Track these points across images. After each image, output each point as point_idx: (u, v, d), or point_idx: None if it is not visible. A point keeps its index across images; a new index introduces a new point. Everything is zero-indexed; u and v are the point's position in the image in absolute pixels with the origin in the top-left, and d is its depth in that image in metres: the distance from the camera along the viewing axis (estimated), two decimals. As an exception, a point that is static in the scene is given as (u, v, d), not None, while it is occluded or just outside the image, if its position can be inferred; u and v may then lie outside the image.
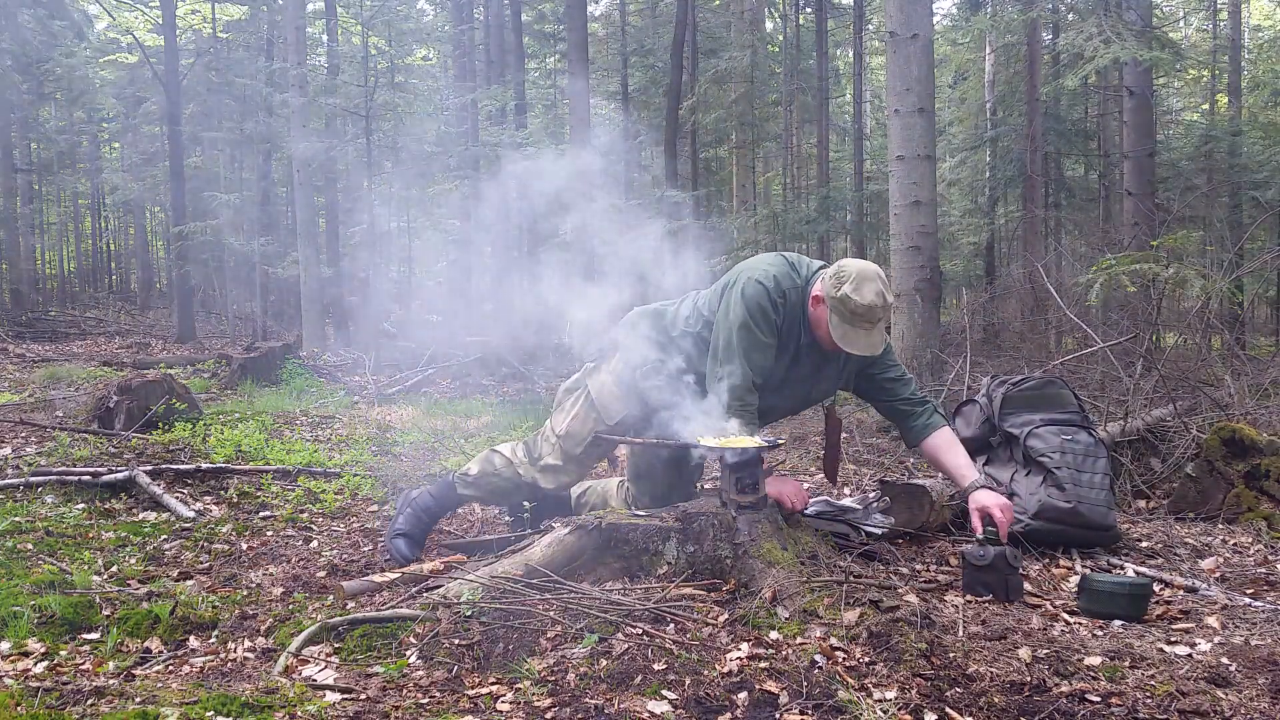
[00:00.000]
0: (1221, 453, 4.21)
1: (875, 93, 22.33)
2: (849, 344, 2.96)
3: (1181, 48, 11.92)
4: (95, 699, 2.12)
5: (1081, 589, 2.95)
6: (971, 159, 16.61)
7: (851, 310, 2.92)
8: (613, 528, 2.88)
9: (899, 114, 6.70)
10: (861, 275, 2.94)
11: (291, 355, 10.44)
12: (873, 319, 2.94)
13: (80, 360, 12.44)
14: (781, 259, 3.21)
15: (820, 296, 3.02)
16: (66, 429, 5.84)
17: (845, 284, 2.93)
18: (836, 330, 2.96)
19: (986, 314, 9.61)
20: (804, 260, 3.23)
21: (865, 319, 2.93)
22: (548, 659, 2.35)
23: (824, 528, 3.44)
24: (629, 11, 19.35)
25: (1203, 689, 2.23)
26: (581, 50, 11.52)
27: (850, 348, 2.97)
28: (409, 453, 5.96)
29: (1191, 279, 5.46)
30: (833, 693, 2.17)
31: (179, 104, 17.43)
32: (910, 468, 5.24)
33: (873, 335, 2.98)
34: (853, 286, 2.91)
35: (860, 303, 2.90)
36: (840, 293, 2.92)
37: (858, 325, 2.95)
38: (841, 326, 2.95)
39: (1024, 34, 13.34)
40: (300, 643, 2.50)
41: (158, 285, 27.41)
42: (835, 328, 2.96)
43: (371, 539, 3.91)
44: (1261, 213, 11.57)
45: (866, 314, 2.92)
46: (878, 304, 2.92)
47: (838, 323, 2.95)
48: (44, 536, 3.62)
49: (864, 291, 2.91)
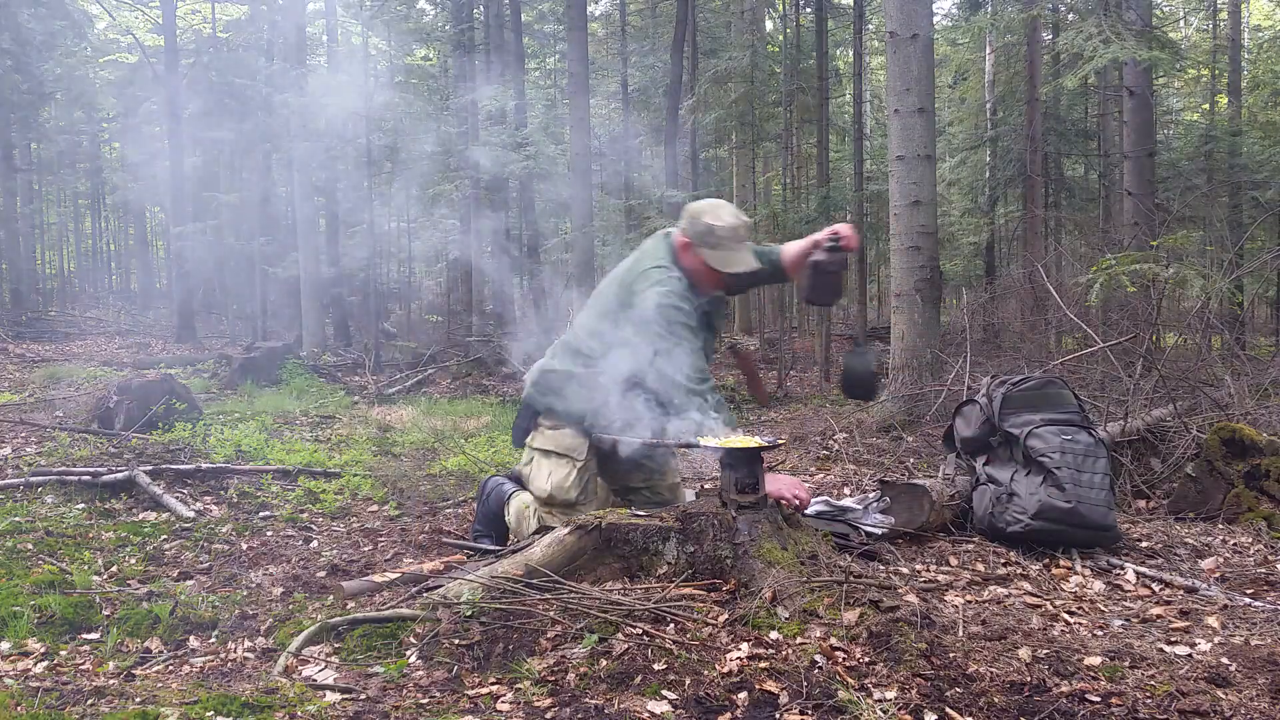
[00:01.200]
0: (1221, 453, 4.21)
1: (875, 93, 22.32)
2: (730, 265, 3.14)
3: (1181, 48, 11.93)
4: (95, 699, 2.12)
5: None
6: (971, 159, 16.62)
7: (720, 235, 3.12)
8: (613, 528, 2.88)
9: (899, 114, 6.70)
10: (714, 205, 3.21)
11: (291, 355, 10.45)
12: (739, 237, 3.14)
13: (80, 360, 12.44)
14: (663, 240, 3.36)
15: (687, 241, 3.20)
16: (66, 429, 5.84)
17: (704, 217, 3.15)
18: (715, 259, 3.14)
19: (986, 314, 9.61)
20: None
21: (734, 238, 3.13)
22: (548, 659, 2.35)
23: (824, 528, 3.44)
24: (629, 11, 19.34)
25: (1203, 689, 2.23)
26: (581, 50, 11.51)
27: (733, 268, 3.15)
28: (409, 453, 5.96)
29: (1191, 279, 5.46)
30: (833, 693, 2.17)
31: (179, 104, 17.43)
32: (910, 468, 5.24)
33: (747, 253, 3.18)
34: (712, 216, 3.14)
35: (725, 224, 3.12)
36: (703, 225, 3.13)
37: (732, 247, 3.14)
38: (718, 253, 3.14)
39: (1024, 34, 13.34)
40: (300, 643, 2.50)
41: (158, 285, 27.42)
42: (712, 258, 3.15)
43: (372, 539, 3.91)
44: (1261, 213, 11.58)
45: (733, 233, 3.13)
46: (738, 223, 3.15)
47: (711, 253, 3.14)
48: (44, 536, 3.62)
49: (723, 215, 3.15)
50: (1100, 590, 3.22)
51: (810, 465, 5.59)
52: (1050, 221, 14.12)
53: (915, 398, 6.56)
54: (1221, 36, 18.43)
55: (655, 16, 19.72)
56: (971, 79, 17.85)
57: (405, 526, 4.13)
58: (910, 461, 5.38)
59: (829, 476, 5.15)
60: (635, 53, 18.21)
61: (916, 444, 5.86)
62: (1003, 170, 14.96)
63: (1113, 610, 2.98)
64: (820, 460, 5.73)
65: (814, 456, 5.85)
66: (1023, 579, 3.30)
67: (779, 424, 7.44)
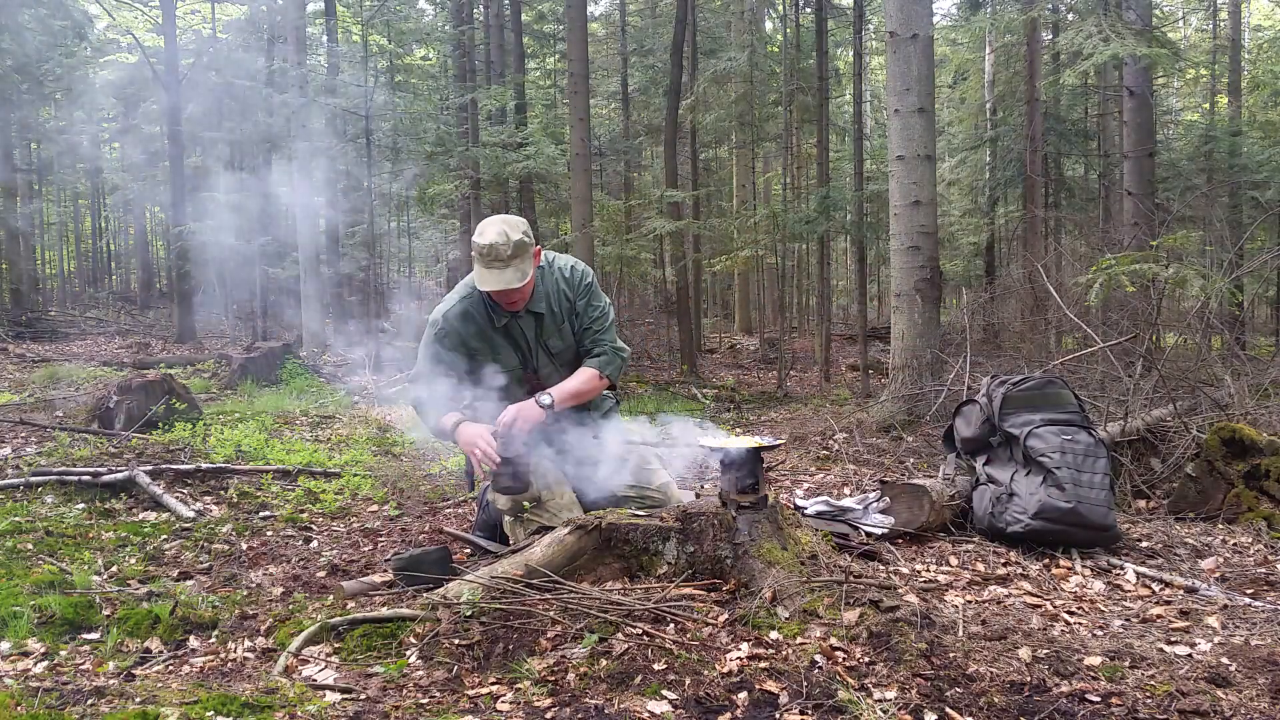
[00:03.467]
0: (1221, 453, 4.21)
1: (875, 93, 22.32)
2: (484, 283, 3.20)
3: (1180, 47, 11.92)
4: (95, 699, 2.12)
5: None
6: (971, 159, 16.62)
7: (479, 252, 3.19)
8: (613, 528, 2.88)
9: (899, 114, 6.70)
10: (486, 222, 3.26)
11: (291, 355, 10.44)
12: (498, 255, 3.17)
13: (80, 360, 12.44)
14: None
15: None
16: (66, 429, 5.84)
17: (475, 234, 3.23)
18: (476, 275, 3.23)
19: (986, 314, 9.61)
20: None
21: (492, 257, 3.18)
22: (548, 659, 2.34)
23: (824, 528, 3.44)
24: (629, 11, 19.34)
25: (1203, 689, 2.23)
26: (581, 50, 11.50)
27: (486, 285, 3.20)
28: (409, 453, 5.96)
29: (1191, 279, 5.45)
30: (833, 693, 2.17)
31: (179, 104, 17.42)
32: (910, 468, 5.24)
33: (504, 273, 3.20)
34: (478, 233, 3.22)
35: (482, 243, 3.18)
36: (473, 242, 3.22)
37: (489, 264, 3.19)
38: (478, 270, 3.22)
39: (1024, 34, 13.34)
40: (300, 643, 2.50)
41: (158, 285, 27.40)
42: (475, 274, 3.24)
43: (372, 539, 3.91)
44: (1261, 213, 11.58)
45: (489, 251, 3.17)
46: (497, 240, 3.17)
47: (476, 269, 3.24)
48: (44, 536, 3.62)
49: (486, 233, 3.19)
50: (1100, 590, 3.22)
51: (810, 465, 5.59)
52: (1050, 221, 14.12)
53: (915, 398, 6.56)
54: (1221, 36, 18.44)
55: (655, 16, 19.72)
56: (971, 79, 17.85)
57: (405, 526, 4.13)
58: (910, 461, 5.38)
59: (829, 476, 5.15)
60: (635, 53, 18.21)
61: (916, 444, 5.86)
62: (1002, 170, 14.96)
63: (1113, 610, 2.99)
64: (820, 460, 5.73)
65: (814, 456, 5.85)
66: (1023, 579, 3.30)
67: (779, 424, 7.44)
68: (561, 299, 3.46)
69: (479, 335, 3.41)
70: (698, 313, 16.54)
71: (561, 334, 3.50)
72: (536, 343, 3.47)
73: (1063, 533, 3.57)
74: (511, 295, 3.28)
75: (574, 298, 3.48)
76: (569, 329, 3.50)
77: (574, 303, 3.48)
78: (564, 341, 3.52)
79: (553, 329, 3.48)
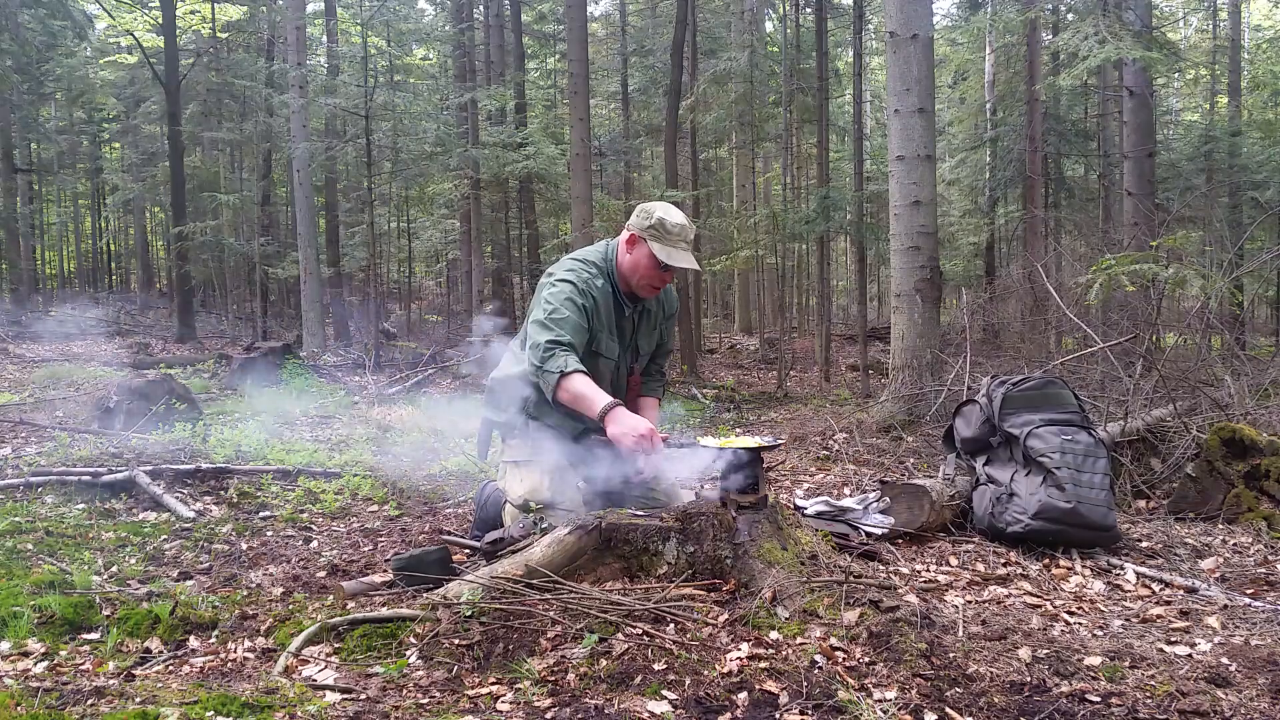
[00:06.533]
0: (1221, 453, 4.21)
1: (875, 93, 22.33)
2: (675, 260, 3.24)
3: (1180, 48, 11.92)
4: (95, 699, 2.12)
5: None
6: (971, 159, 16.63)
7: (669, 230, 3.24)
8: (613, 528, 2.88)
9: (899, 114, 6.70)
10: (657, 205, 3.33)
11: (291, 355, 10.43)
12: (686, 237, 3.27)
13: (80, 360, 12.43)
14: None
15: (635, 235, 3.30)
16: (66, 429, 5.84)
17: (656, 213, 3.28)
18: (661, 252, 3.24)
19: (986, 314, 9.61)
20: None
21: (681, 237, 3.26)
22: (548, 659, 2.34)
23: (824, 528, 3.44)
24: (629, 11, 19.34)
25: (1203, 689, 2.23)
26: (581, 50, 11.50)
27: (677, 263, 3.24)
28: (409, 453, 5.96)
29: (1191, 279, 5.45)
30: (833, 693, 2.17)
31: (179, 104, 17.42)
32: (910, 468, 5.24)
33: (690, 255, 3.29)
34: (664, 211, 3.28)
35: (675, 222, 3.25)
36: (655, 220, 3.25)
37: (677, 244, 3.25)
38: (665, 248, 3.24)
39: (1023, 34, 13.34)
40: (300, 643, 2.50)
41: (158, 285, 27.42)
42: (660, 251, 3.25)
43: (372, 539, 3.91)
44: (1261, 213, 11.58)
45: (681, 232, 3.26)
46: (687, 223, 3.29)
47: (660, 246, 3.25)
48: (44, 536, 3.62)
49: (674, 214, 3.28)
50: (1100, 590, 3.22)
51: (810, 465, 5.59)
52: (1050, 222, 14.13)
53: (915, 398, 6.56)
54: (1221, 37, 18.43)
55: (655, 16, 19.72)
56: (971, 79, 17.86)
57: (405, 526, 4.13)
58: (910, 461, 5.38)
59: (829, 476, 5.15)
60: (635, 53, 18.21)
61: (916, 444, 5.86)
62: (1002, 170, 14.97)
63: (1113, 610, 2.99)
64: (820, 460, 5.73)
65: (814, 456, 5.85)
66: (1023, 579, 3.30)
67: (779, 424, 7.44)
68: (662, 307, 3.54)
69: (605, 315, 3.35)
70: (698, 313, 16.54)
71: (650, 339, 3.55)
72: (633, 339, 3.49)
73: (1063, 533, 3.57)
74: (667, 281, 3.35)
75: (669, 311, 3.58)
76: (655, 338, 3.56)
77: (667, 316, 3.56)
78: (648, 347, 3.56)
79: (647, 331, 3.52)
